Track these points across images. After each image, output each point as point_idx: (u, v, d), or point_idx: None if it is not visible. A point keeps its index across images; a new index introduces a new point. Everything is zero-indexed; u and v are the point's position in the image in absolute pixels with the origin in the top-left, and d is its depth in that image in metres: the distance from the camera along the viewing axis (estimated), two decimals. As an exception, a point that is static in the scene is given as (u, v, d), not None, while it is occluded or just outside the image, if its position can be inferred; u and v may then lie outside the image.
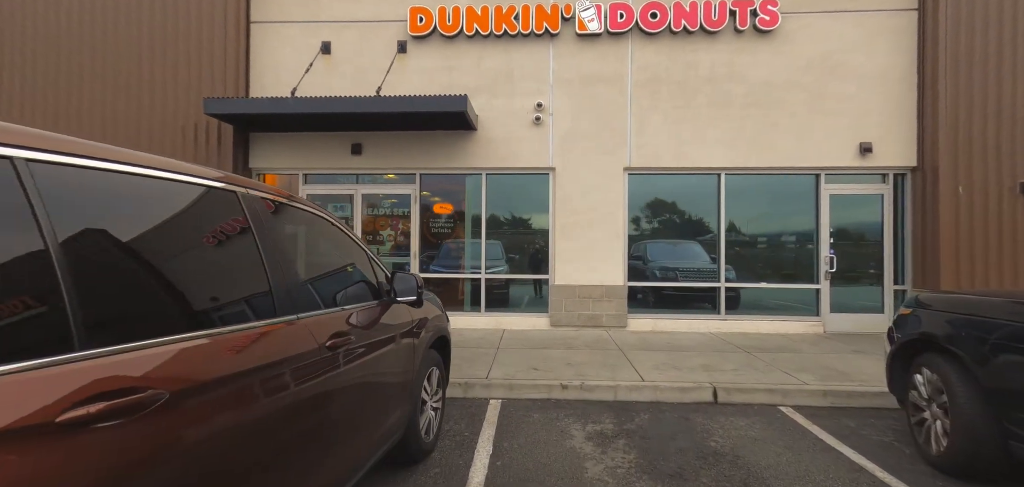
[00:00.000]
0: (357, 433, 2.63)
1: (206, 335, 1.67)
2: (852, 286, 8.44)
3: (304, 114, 7.72)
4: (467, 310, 8.77)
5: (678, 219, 8.74)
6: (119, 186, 1.53)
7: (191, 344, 1.59)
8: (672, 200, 8.73)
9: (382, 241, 8.90)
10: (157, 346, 1.46)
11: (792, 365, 6.05)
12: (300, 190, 8.89)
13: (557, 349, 6.90)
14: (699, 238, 8.72)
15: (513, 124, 8.55)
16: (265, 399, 1.83)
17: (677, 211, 8.73)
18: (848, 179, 8.43)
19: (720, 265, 8.50)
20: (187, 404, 1.49)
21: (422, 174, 8.82)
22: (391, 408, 3.06)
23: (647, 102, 8.45)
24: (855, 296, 8.44)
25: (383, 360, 2.93)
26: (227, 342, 1.73)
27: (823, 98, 8.24)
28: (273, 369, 1.90)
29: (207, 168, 1.96)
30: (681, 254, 8.72)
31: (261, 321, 1.94)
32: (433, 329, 3.94)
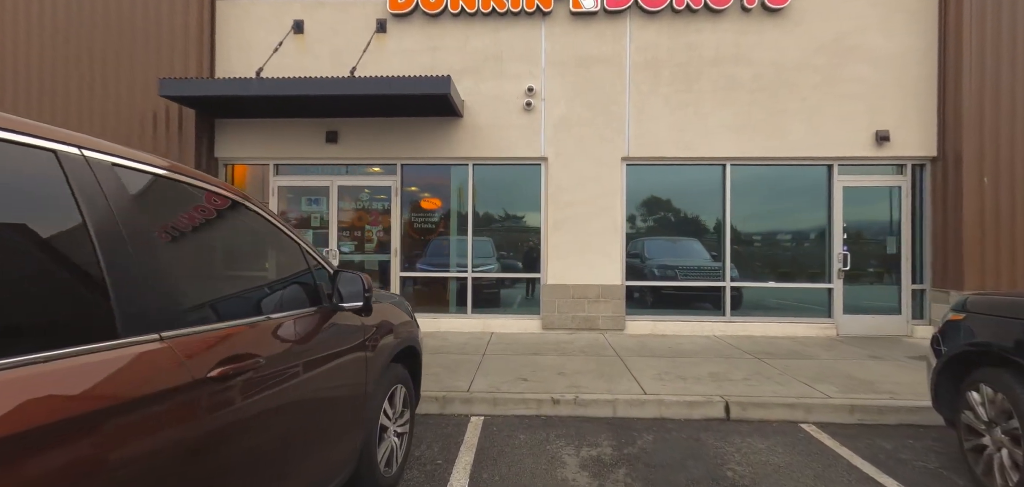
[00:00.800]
0: (281, 481, 1.98)
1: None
2: (867, 286, 7.85)
3: (272, 98, 7.02)
4: (453, 312, 8.12)
5: (680, 213, 8.11)
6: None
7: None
8: (674, 193, 8.10)
9: (360, 237, 8.22)
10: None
11: (809, 373, 5.44)
12: (270, 182, 8.20)
13: (549, 355, 6.26)
14: (703, 234, 8.09)
15: (502, 110, 7.89)
16: (77, 470, 1.17)
17: (679, 205, 8.10)
18: (863, 170, 7.82)
19: (725, 263, 7.88)
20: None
21: (404, 165, 8.14)
22: (333, 440, 2.41)
23: (647, 86, 7.81)
24: (870, 296, 7.84)
25: (319, 382, 2.28)
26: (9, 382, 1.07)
27: (836, 82, 7.63)
28: (96, 422, 1.24)
29: (9, 116, 1.28)
30: (682, 252, 8.09)
31: (83, 347, 1.27)
32: (397, 339, 3.30)
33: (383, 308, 3.27)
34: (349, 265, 8.11)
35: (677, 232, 8.15)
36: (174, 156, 7.61)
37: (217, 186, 1.97)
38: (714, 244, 8.01)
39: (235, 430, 1.68)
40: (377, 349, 2.95)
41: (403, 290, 8.11)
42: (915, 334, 7.59)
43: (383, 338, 3.06)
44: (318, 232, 8.16)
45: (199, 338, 1.60)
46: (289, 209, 8.24)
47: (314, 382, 2.24)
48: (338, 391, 2.46)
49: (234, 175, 8.40)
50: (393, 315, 3.36)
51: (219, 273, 1.95)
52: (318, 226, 8.17)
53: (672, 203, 8.09)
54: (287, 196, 8.22)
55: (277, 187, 8.19)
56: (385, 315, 3.22)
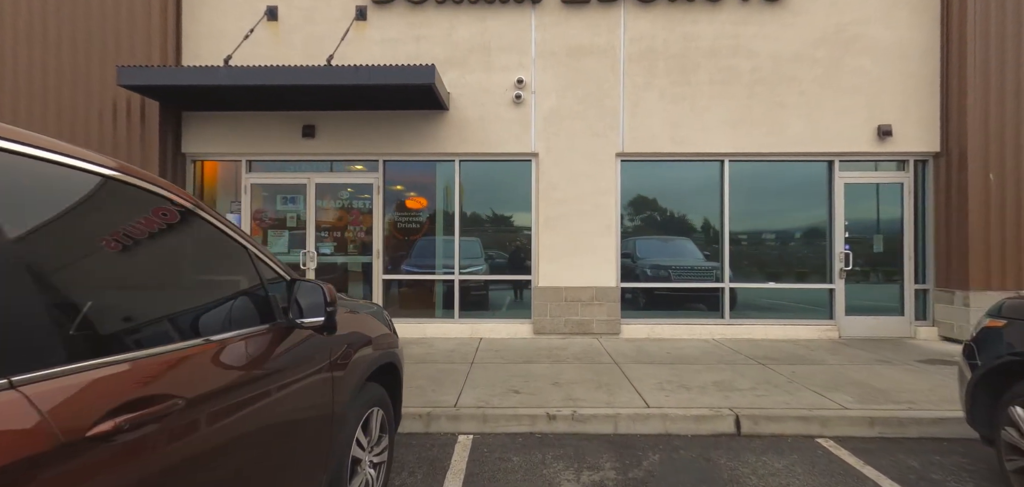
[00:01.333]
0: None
1: None
2: (868, 286, 7.58)
3: (243, 89, 6.52)
4: (439, 316, 7.67)
5: (676, 212, 7.77)
6: None
7: None
8: (670, 190, 7.75)
9: (341, 238, 7.73)
10: None
11: (818, 381, 5.11)
12: (243, 179, 7.68)
13: (542, 363, 5.86)
14: (700, 233, 7.76)
15: (490, 103, 7.47)
16: None
17: (675, 202, 7.76)
18: (864, 166, 7.56)
19: (723, 263, 7.56)
20: None
21: (386, 161, 7.68)
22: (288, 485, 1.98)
23: (642, 79, 7.45)
24: (872, 297, 7.59)
25: (268, 416, 1.85)
26: None
27: (837, 75, 7.35)
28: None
29: None
30: (678, 252, 7.76)
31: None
32: (375, 354, 2.87)
33: (357, 319, 2.84)
34: (327, 269, 7.64)
35: (673, 231, 7.81)
36: (136, 152, 7.07)
37: (122, 170, 1.52)
38: (712, 244, 7.68)
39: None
40: (348, 368, 2.52)
41: (386, 294, 7.65)
42: (918, 335, 7.34)
43: (356, 354, 2.63)
44: (295, 233, 7.66)
45: (79, 380, 1.15)
46: (264, 208, 7.72)
47: (261, 416, 1.81)
48: (295, 425, 2.02)
49: (204, 172, 7.86)
50: (368, 327, 2.93)
51: (126, 287, 1.50)
52: (295, 226, 7.67)
53: (668, 201, 7.75)
54: (261, 194, 7.71)
55: (250, 185, 7.67)
56: (359, 327, 2.79)
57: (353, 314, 2.85)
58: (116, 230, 1.49)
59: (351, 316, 2.80)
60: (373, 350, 2.87)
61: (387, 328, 3.20)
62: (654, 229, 7.81)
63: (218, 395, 1.62)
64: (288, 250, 7.65)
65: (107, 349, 1.28)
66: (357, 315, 2.89)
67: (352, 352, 2.59)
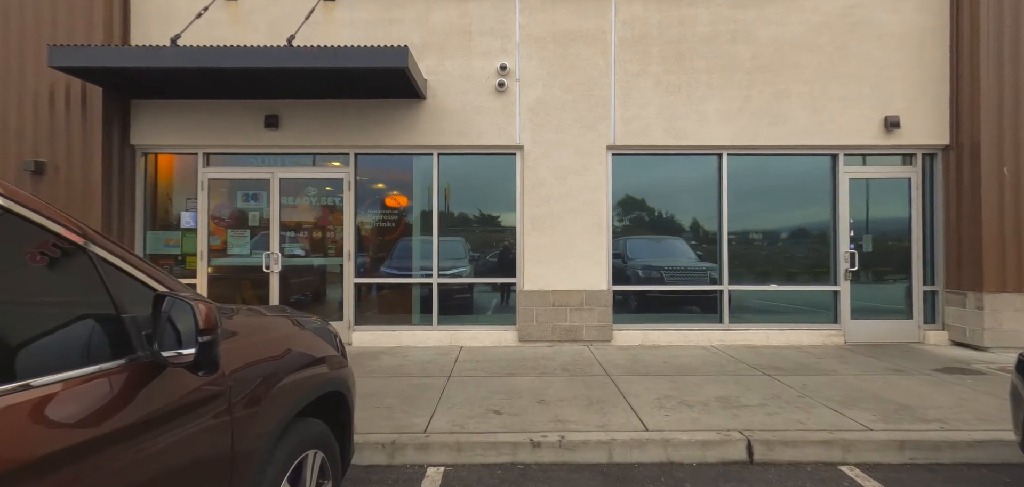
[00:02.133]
0: None
1: None
2: (874, 287, 7.13)
3: (196, 73, 5.86)
4: (416, 323, 7.06)
5: (672, 209, 7.24)
6: None
7: None
8: (665, 186, 7.22)
9: (308, 239, 7.08)
10: None
11: (833, 395, 4.60)
12: (199, 174, 6.99)
13: (527, 375, 5.29)
14: (697, 232, 7.24)
15: (471, 92, 6.88)
16: None
17: (671, 199, 7.23)
18: (870, 160, 7.11)
19: (722, 264, 7.05)
20: None
21: (358, 154, 7.05)
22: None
23: (634, 66, 6.92)
24: (878, 299, 7.13)
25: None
26: None
27: (842, 62, 6.88)
28: None
29: None
30: (673, 252, 7.23)
31: None
32: (311, 383, 2.28)
33: (283, 337, 2.25)
34: (294, 272, 6.98)
35: (668, 230, 7.28)
36: (76, 143, 6.36)
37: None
38: (709, 243, 7.17)
39: None
40: (265, 403, 1.93)
41: (359, 299, 7.02)
42: (927, 340, 6.90)
43: (280, 385, 2.04)
44: (258, 233, 7.00)
45: None
46: (223, 205, 7.04)
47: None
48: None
49: (157, 166, 7.16)
50: (304, 346, 2.34)
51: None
52: (257, 225, 7.01)
53: (663, 197, 7.22)
54: (220, 190, 7.03)
55: (208, 180, 6.99)
56: (286, 347, 2.20)
57: (276, 330, 2.26)
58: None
59: (272, 334, 2.21)
60: (310, 376, 2.28)
61: (332, 348, 2.60)
62: (648, 228, 7.28)
63: (31, 471, 1.03)
64: (250, 252, 6.98)
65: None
66: (282, 332, 2.29)
67: (272, 383, 2.00)
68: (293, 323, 2.42)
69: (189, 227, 6.99)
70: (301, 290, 7.05)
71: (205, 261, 6.93)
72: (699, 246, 7.21)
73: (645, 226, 7.27)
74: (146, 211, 7.06)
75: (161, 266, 7.14)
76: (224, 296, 6.99)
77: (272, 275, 6.90)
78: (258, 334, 2.13)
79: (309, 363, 2.31)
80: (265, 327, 2.24)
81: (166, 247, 7.03)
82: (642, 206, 7.23)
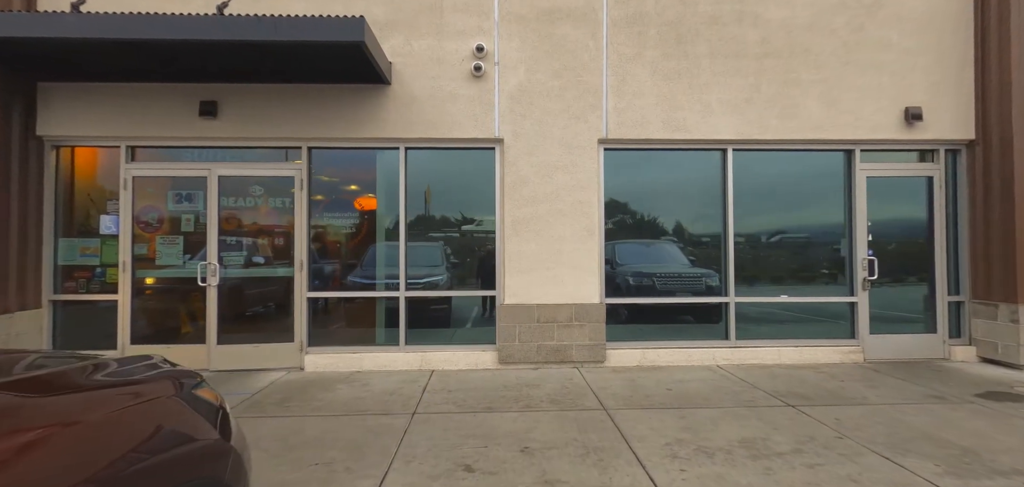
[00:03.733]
0: None
1: None
2: (894, 298, 6.42)
3: (110, 47, 4.85)
4: (380, 343, 6.11)
5: (671, 211, 6.43)
6: None
7: None
8: (663, 185, 6.41)
9: (252, 246, 6.08)
10: None
11: (876, 434, 3.81)
12: (122, 170, 5.95)
13: (508, 411, 4.39)
14: (699, 237, 6.45)
15: (443, 77, 5.98)
16: None
17: (670, 200, 6.42)
18: (889, 156, 6.41)
19: (727, 272, 6.27)
20: None
21: (312, 148, 6.09)
22: None
23: (629, 49, 6.10)
24: (898, 311, 6.42)
25: None
26: None
27: (859, 48, 6.18)
28: None
29: None
30: (669, 259, 6.42)
31: None
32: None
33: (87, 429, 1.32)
34: (235, 286, 5.97)
35: (666, 235, 6.47)
36: (-36, 132, 5.27)
37: None
38: (712, 249, 6.38)
39: None
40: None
41: (313, 316, 6.04)
42: (953, 356, 6.22)
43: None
44: (193, 239, 5.97)
45: None
46: (151, 207, 6.00)
47: None
48: None
49: (73, 162, 6.08)
50: (133, 433, 1.41)
51: None
52: (192, 231, 5.98)
53: (661, 198, 6.41)
54: (147, 190, 5.99)
55: (132, 178, 5.94)
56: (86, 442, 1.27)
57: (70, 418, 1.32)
58: None
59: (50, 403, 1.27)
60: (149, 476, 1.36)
61: (204, 421, 1.67)
62: (643, 232, 6.46)
63: None
64: (183, 262, 5.95)
65: None
66: (91, 414, 1.35)
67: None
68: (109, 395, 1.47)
69: (110, 233, 5.94)
70: (245, 306, 6.04)
71: (129, 273, 5.87)
72: (701, 252, 6.42)
73: (641, 230, 6.45)
74: (58, 215, 5.98)
75: (76, 279, 6.08)
76: (153, 314, 5.94)
77: (210, 289, 5.88)
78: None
79: (147, 461, 1.39)
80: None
81: (82, 257, 5.96)
82: (638, 208, 6.40)
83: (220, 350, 5.88)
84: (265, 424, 4.12)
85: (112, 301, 5.89)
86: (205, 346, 5.88)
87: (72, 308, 5.96)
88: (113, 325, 5.87)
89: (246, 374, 5.74)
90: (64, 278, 5.96)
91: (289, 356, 5.94)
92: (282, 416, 4.34)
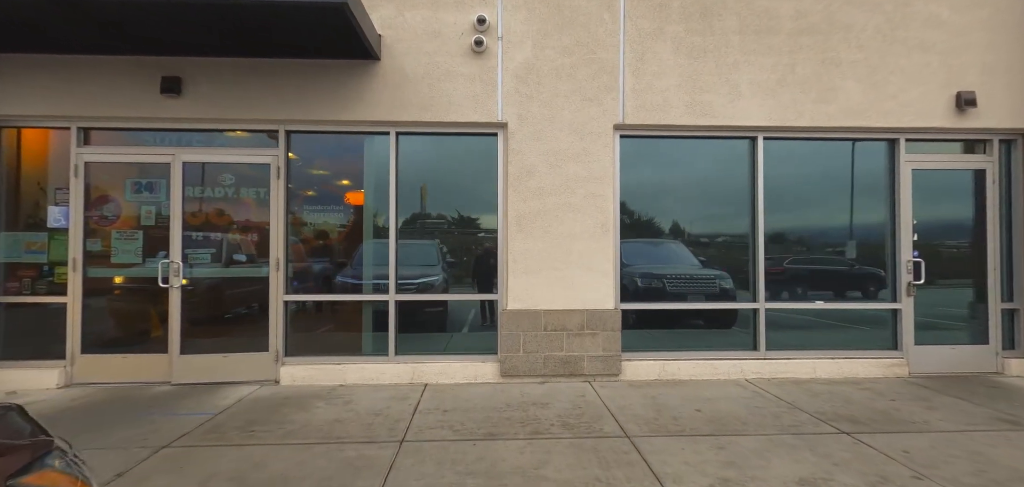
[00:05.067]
0: None
1: None
2: (939, 304, 5.78)
3: (41, 5, 4.14)
4: (367, 353, 5.42)
5: (695, 205, 5.76)
6: None
7: None
8: (686, 176, 5.74)
9: (221, 243, 5.37)
10: None
11: (958, 472, 3.16)
12: (73, 155, 5.23)
13: (513, 437, 3.71)
14: (725, 235, 5.79)
15: (440, 52, 5.30)
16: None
17: (693, 193, 5.75)
18: (937, 147, 5.76)
19: (757, 275, 5.61)
20: None
21: (290, 131, 5.39)
22: None
23: (649, 23, 5.43)
24: (943, 319, 5.78)
25: None
26: None
27: (905, 24, 5.53)
28: None
29: None
30: (690, 260, 5.76)
31: None
32: None
33: None
34: (203, 289, 5.26)
35: (689, 232, 5.80)
36: None
37: None
38: (739, 250, 5.72)
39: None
40: None
41: (291, 322, 5.34)
42: (1008, 370, 5.58)
43: None
44: (154, 234, 5.26)
45: None
46: (106, 198, 5.28)
47: None
48: None
49: (19, 145, 5.35)
50: None
51: None
52: (153, 225, 5.27)
53: (683, 192, 5.74)
54: (103, 177, 5.27)
55: (85, 163, 5.23)
56: None
57: None
58: None
59: None
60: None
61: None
62: (663, 230, 5.79)
63: None
64: (142, 259, 5.24)
65: None
66: None
67: None
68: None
69: (59, 227, 5.22)
70: (213, 310, 5.33)
71: (79, 272, 5.16)
72: (726, 253, 5.75)
73: (660, 228, 5.77)
74: (0, 205, 5.26)
75: (20, 279, 5.37)
76: (107, 320, 5.23)
77: (172, 290, 5.17)
78: None
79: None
80: None
81: (27, 253, 5.24)
82: (658, 202, 5.73)
83: (184, 360, 5.17)
84: (222, 456, 3.43)
85: (61, 304, 5.17)
86: (167, 356, 5.18)
87: (16, 312, 5.23)
88: (62, 331, 5.15)
89: (212, 388, 5.03)
90: (7, 277, 5.23)
91: (263, 368, 5.24)
92: (245, 444, 3.65)
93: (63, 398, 4.75)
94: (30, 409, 1.49)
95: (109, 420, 4.14)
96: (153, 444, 3.63)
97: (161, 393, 4.91)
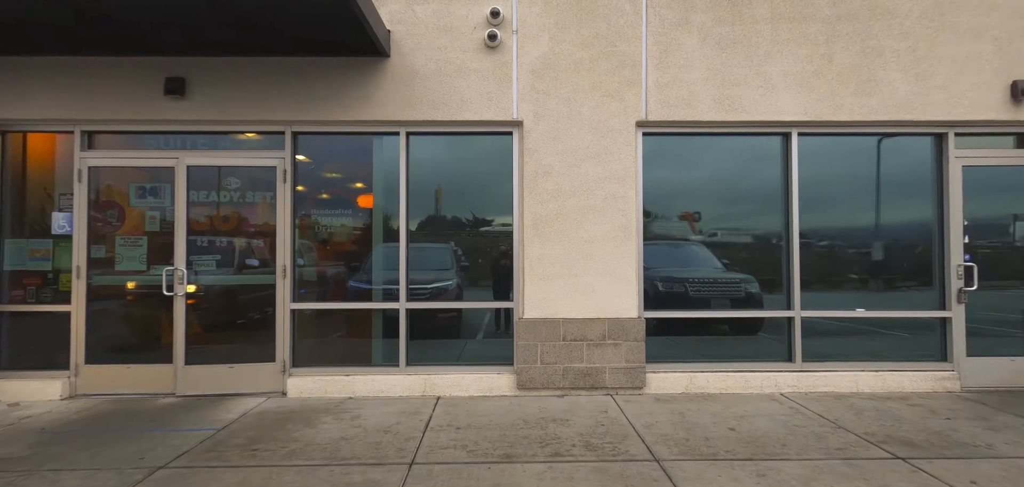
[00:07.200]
0: None
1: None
2: (990, 311, 5.32)
3: (35, 5, 3.98)
4: (377, 364, 5.18)
5: (723, 206, 5.41)
6: None
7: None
8: (714, 175, 5.39)
9: (227, 248, 5.18)
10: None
11: (1041, 510, 2.77)
12: (77, 159, 5.09)
13: (531, 461, 3.42)
14: (756, 237, 5.42)
15: (452, 47, 5.04)
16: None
17: (723, 193, 5.40)
18: (989, 141, 5.32)
19: (792, 281, 5.23)
20: None
21: (297, 132, 5.18)
22: None
23: (673, 12, 5.10)
24: (1001, 326, 5.33)
25: None
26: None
27: (955, 8, 5.11)
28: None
29: None
30: (717, 266, 5.40)
31: None
32: None
33: None
34: (208, 296, 5.08)
35: (717, 235, 5.45)
36: None
37: None
38: (772, 253, 5.34)
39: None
40: None
41: (297, 330, 5.12)
42: (1071, 384, 5.11)
43: None
44: (158, 240, 5.09)
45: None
46: (110, 203, 5.13)
47: None
48: None
49: (24, 150, 5.23)
50: None
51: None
52: (157, 231, 5.10)
53: (711, 191, 5.39)
54: (106, 182, 5.13)
55: (88, 168, 5.09)
56: None
57: None
58: None
59: None
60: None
61: None
62: (688, 233, 5.44)
63: None
64: (147, 266, 5.07)
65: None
66: None
67: None
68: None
69: (64, 233, 5.08)
70: (219, 319, 5.15)
71: (84, 280, 5.01)
72: (758, 257, 5.39)
73: (685, 230, 5.43)
74: (4, 212, 5.14)
75: (25, 287, 5.24)
76: (112, 329, 5.08)
77: (177, 299, 4.99)
78: None
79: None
80: None
81: (32, 261, 5.11)
82: (684, 202, 5.38)
83: (188, 371, 4.99)
84: (220, 479, 3.20)
85: (65, 312, 5.03)
86: (171, 367, 5.00)
87: (20, 321, 5.11)
88: (66, 341, 5.01)
89: (217, 400, 4.84)
90: (11, 286, 5.11)
91: (269, 379, 5.03)
92: (245, 464, 3.42)
93: (66, 411, 4.59)
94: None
95: (108, 436, 3.96)
96: (150, 463, 3.43)
97: (165, 406, 4.72)
